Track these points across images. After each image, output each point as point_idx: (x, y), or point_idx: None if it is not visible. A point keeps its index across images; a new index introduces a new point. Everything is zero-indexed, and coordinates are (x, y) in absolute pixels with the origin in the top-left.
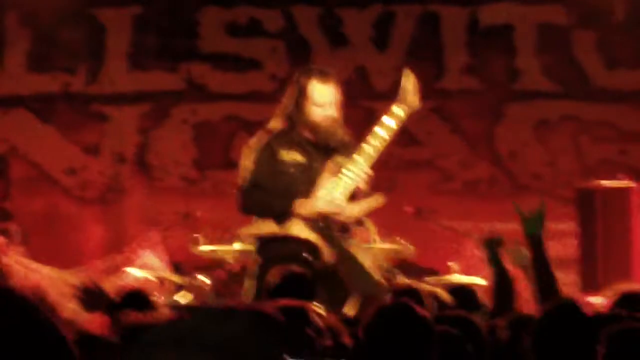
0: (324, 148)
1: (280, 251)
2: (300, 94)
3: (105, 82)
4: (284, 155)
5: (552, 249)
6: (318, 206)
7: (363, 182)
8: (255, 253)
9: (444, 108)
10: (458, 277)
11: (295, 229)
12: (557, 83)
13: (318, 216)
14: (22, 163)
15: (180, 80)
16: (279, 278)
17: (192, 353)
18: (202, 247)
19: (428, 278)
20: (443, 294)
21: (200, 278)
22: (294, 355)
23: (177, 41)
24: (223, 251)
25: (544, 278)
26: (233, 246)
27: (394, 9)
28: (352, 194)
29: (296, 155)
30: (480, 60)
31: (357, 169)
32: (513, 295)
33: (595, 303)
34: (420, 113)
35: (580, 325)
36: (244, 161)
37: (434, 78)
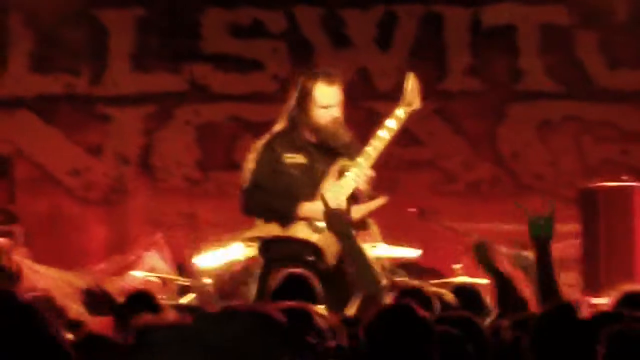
0: (327, 150)
1: (283, 253)
2: (305, 96)
3: (108, 84)
4: (287, 156)
5: (555, 250)
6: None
7: (365, 184)
8: (257, 255)
9: (447, 108)
10: (462, 279)
11: (298, 231)
12: (560, 83)
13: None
14: (26, 164)
15: (183, 81)
16: (280, 280)
17: (196, 354)
18: (202, 264)
19: (432, 280)
20: (448, 295)
21: (203, 279)
22: (296, 356)
23: (180, 42)
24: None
25: (546, 281)
26: (230, 255)
27: (397, 10)
28: (355, 196)
29: (298, 157)
30: (482, 60)
31: (360, 171)
32: (515, 295)
33: (597, 303)
34: (422, 113)
35: (575, 327)
36: (248, 164)
37: (437, 79)
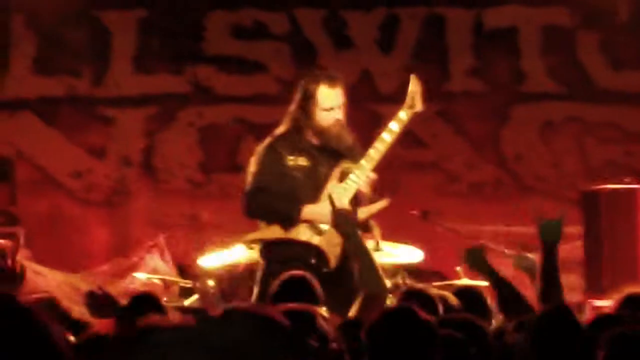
0: (330, 152)
1: (285, 255)
2: (308, 99)
3: (110, 85)
4: (289, 159)
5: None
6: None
7: (367, 186)
8: (260, 257)
9: (449, 110)
10: (465, 281)
11: (300, 233)
12: (562, 85)
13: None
14: (28, 166)
15: (185, 83)
16: (280, 282)
17: (199, 356)
18: (206, 260)
19: (435, 283)
20: (451, 298)
21: (205, 281)
22: (299, 359)
23: (183, 44)
24: (225, 267)
25: (549, 283)
26: (234, 256)
27: (399, 12)
28: (357, 198)
29: (301, 159)
30: (485, 62)
31: (362, 174)
32: (517, 297)
33: (600, 305)
34: (425, 115)
35: (572, 329)
36: (251, 166)
37: (439, 80)
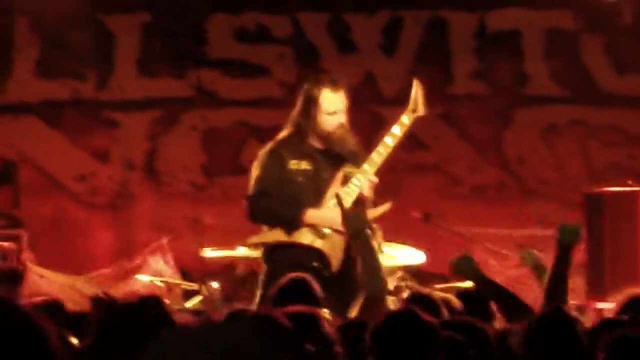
0: (332, 156)
1: (287, 259)
2: (311, 103)
3: (114, 89)
4: (292, 163)
5: None
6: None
7: (369, 190)
8: (262, 261)
9: (452, 113)
10: (468, 284)
11: (302, 237)
12: (565, 88)
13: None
14: (31, 169)
15: (189, 86)
16: (281, 284)
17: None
18: (209, 253)
19: (437, 285)
20: (454, 301)
21: (208, 284)
22: None
23: (186, 47)
24: (229, 256)
25: (557, 286)
26: (238, 251)
27: (402, 15)
28: (359, 202)
29: (304, 163)
30: (488, 65)
31: (364, 178)
32: (514, 301)
33: (602, 308)
34: (428, 118)
35: (568, 332)
36: (254, 171)
37: (442, 83)
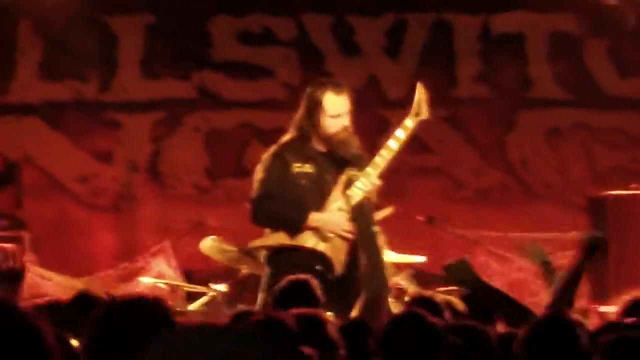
0: (336, 160)
1: (290, 262)
2: (313, 107)
3: (117, 90)
4: (296, 166)
5: (563, 258)
6: (334, 221)
7: (373, 194)
8: (265, 264)
9: (456, 116)
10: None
11: (305, 240)
12: (569, 91)
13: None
14: (34, 170)
15: (192, 88)
16: (282, 286)
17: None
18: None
19: (441, 288)
20: (457, 303)
21: (212, 286)
22: None
23: (189, 49)
24: (229, 251)
25: (569, 287)
26: (237, 249)
27: (406, 18)
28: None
29: (307, 166)
30: (492, 68)
31: (368, 181)
32: (513, 304)
33: (605, 311)
34: (432, 121)
35: (568, 336)
36: (257, 174)
37: (446, 86)
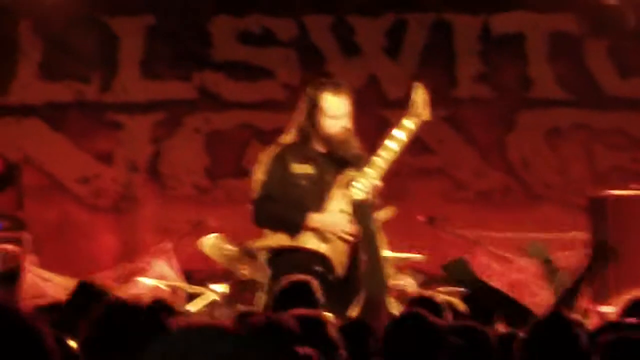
0: (336, 160)
1: (291, 263)
2: (313, 107)
3: (118, 91)
4: (296, 167)
5: (564, 258)
6: (335, 223)
7: (373, 194)
8: (266, 265)
9: (456, 116)
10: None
11: (306, 241)
12: (569, 91)
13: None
14: (35, 171)
15: (193, 89)
16: (281, 287)
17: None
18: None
19: (441, 288)
20: (458, 303)
21: (212, 287)
22: None
23: (190, 50)
24: (230, 250)
25: (575, 289)
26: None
27: (407, 18)
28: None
29: (307, 167)
30: (492, 68)
31: (367, 181)
32: (513, 304)
33: (605, 312)
34: (432, 121)
35: (568, 337)
36: (257, 175)
37: (446, 86)
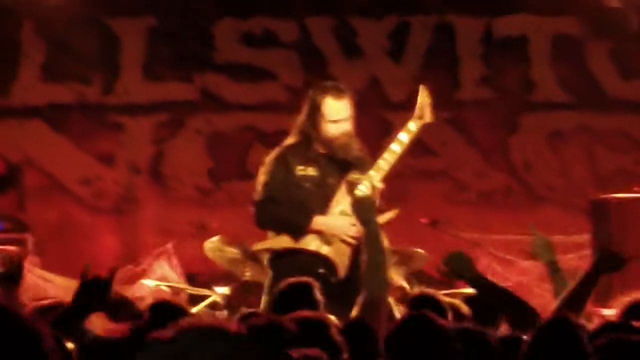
0: (339, 163)
1: (293, 265)
2: (314, 111)
3: (120, 92)
4: (299, 169)
5: (567, 261)
6: (338, 225)
7: (375, 195)
8: (268, 267)
9: (459, 118)
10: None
11: (309, 243)
12: (572, 94)
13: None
14: (36, 173)
15: (194, 90)
16: (281, 288)
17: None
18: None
19: (444, 291)
20: (461, 306)
21: (214, 289)
22: None
23: (192, 51)
24: (232, 253)
25: (580, 294)
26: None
27: (409, 20)
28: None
29: (310, 169)
30: (495, 71)
31: (370, 184)
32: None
33: (607, 314)
34: (435, 123)
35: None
36: (260, 177)
37: (449, 89)
